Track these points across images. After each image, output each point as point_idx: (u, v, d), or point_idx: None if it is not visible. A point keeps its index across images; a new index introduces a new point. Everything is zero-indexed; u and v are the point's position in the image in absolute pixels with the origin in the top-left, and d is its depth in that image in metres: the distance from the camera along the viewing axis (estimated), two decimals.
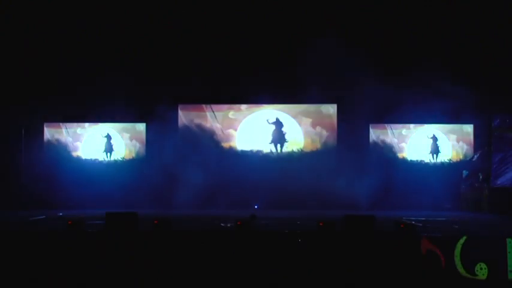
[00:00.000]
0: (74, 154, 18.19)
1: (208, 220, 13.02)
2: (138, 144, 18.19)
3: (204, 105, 17.88)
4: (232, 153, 17.84)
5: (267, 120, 17.87)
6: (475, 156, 16.95)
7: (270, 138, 17.92)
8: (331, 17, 15.90)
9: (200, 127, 17.93)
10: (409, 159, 17.82)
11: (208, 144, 17.78)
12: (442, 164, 17.27)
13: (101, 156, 18.26)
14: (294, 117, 17.89)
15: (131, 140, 18.26)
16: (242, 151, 17.88)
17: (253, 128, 17.94)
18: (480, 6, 15.53)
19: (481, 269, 9.97)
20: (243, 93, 17.51)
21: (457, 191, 16.69)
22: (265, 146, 17.90)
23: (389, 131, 17.81)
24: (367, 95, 16.02)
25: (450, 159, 17.64)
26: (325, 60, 15.47)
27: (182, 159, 16.99)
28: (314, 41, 15.39)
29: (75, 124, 18.23)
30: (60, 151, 18.12)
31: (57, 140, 18.19)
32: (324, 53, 15.35)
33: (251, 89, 16.95)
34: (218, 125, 17.94)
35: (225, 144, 17.91)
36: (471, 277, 9.96)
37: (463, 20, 15.66)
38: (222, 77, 16.94)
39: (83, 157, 18.22)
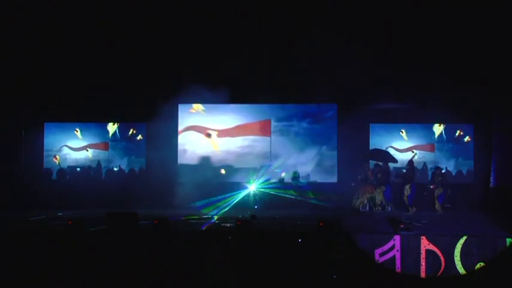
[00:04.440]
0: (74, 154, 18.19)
1: (208, 220, 13.03)
2: (137, 144, 18.18)
3: (204, 105, 17.87)
4: (232, 152, 17.82)
5: None
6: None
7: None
8: (332, 16, 15.88)
9: (200, 127, 17.93)
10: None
11: (208, 144, 17.79)
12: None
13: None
14: (294, 117, 17.88)
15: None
16: (242, 150, 17.86)
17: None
18: (480, 6, 15.51)
19: None
20: (243, 93, 17.48)
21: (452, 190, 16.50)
22: (266, 145, 17.89)
23: (389, 131, 17.78)
24: (367, 95, 15.97)
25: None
26: (325, 60, 15.45)
27: (182, 158, 16.94)
28: (314, 41, 15.36)
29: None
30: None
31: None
32: (324, 52, 15.33)
33: (251, 88, 16.93)
34: (218, 125, 17.93)
35: (225, 144, 17.90)
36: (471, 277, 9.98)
37: (463, 19, 15.62)
38: (222, 77, 16.91)
39: (83, 157, 18.22)
